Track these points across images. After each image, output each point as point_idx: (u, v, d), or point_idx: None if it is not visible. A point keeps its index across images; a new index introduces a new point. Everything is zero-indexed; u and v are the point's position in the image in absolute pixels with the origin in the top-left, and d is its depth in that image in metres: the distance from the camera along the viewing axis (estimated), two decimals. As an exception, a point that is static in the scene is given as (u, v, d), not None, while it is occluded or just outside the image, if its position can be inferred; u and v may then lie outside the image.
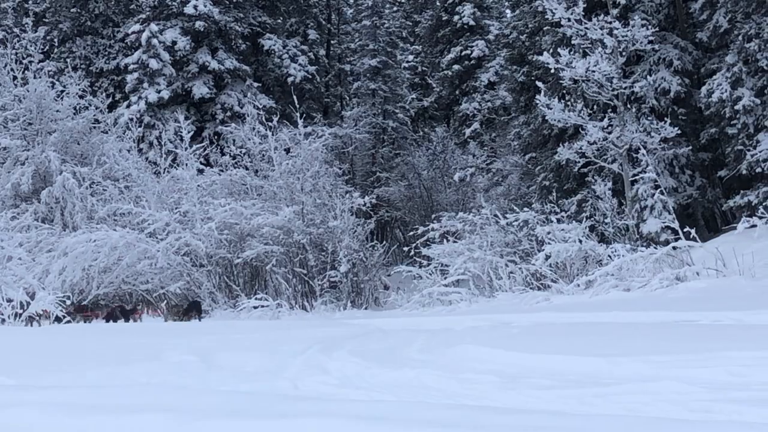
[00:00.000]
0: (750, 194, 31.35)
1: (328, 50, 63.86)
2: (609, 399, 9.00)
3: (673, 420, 7.32)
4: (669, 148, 33.96)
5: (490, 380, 10.38)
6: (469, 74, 59.22)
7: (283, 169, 35.35)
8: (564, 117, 32.82)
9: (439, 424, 6.13)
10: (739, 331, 14.48)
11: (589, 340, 13.68)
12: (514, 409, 8.02)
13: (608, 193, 31.89)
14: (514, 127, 46.01)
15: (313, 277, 32.84)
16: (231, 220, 33.26)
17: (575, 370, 10.83)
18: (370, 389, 10.26)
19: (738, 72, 31.52)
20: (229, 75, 50.00)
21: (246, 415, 6.94)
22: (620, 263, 26.01)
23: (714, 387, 9.24)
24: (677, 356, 11.07)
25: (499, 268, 29.93)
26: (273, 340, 15.60)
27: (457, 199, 51.47)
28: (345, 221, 33.60)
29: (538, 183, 39.77)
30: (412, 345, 14.34)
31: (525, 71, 43.60)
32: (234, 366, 12.48)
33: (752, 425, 6.83)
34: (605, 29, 32.23)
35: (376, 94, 59.95)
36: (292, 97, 40.25)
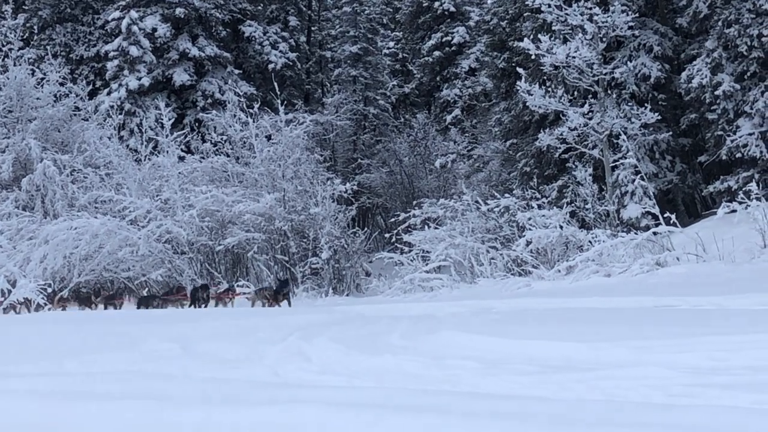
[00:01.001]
0: (730, 179, 31.43)
1: (309, 37, 63.68)
2: (590, 384, 9.00)
3: (654, 405, 7.33)
4: (649, 133, 34.00)
5: (470, 366, 10.37)
6: (449, 61, 59.10)
7: (264, 156, 35.30)
8: (545, 103, 32.84)
9: (419, 410, 6.13)
10: (719, 316, 14.52)
11: (570, 326, 13.69)
12: (494, 394, 8.02)
13: (589, 179, 31.96)
14: (495, 114, 45.93)
15: (294, 264, 32.84)
16: (212, 207, 33.21)
17: (556, 355, 10.82)
18: (350, 376, 10.24)
19: (718, 57, 31.57)
20: (210, 62, 49.83)
21: (225, 403, 6.93)
22: (601, 249, 26.08)
23: (695, 372, 9.25)
24: (658, 341, 11.08)
25: (480, 254, 29.98)
26: (253, 327, 15.56)
27: (438, 186, 51.40)
28: (326, 208, 33.59)
29: (519, 169, 39.77)
30: (393, 331, 14.31)
31: (506, 57, 43.55)
32: (213, 353, 12.45)
33: (734, 410, 6.84)
34: (585, 15, 32.23)
35: (356, 80, 59.83)
36: (272, 84, 40.14)
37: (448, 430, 5.72)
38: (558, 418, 5.90)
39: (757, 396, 7.79)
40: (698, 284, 20.12)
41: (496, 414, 5.98)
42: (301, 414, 6.30)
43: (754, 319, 13.07)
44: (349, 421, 6.10)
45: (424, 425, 5.81)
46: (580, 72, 32.70)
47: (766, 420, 5.97)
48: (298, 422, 6.20)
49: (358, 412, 6.21)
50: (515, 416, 5.89)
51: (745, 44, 30.69)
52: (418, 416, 5.95)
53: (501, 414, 5.98)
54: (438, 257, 30.31)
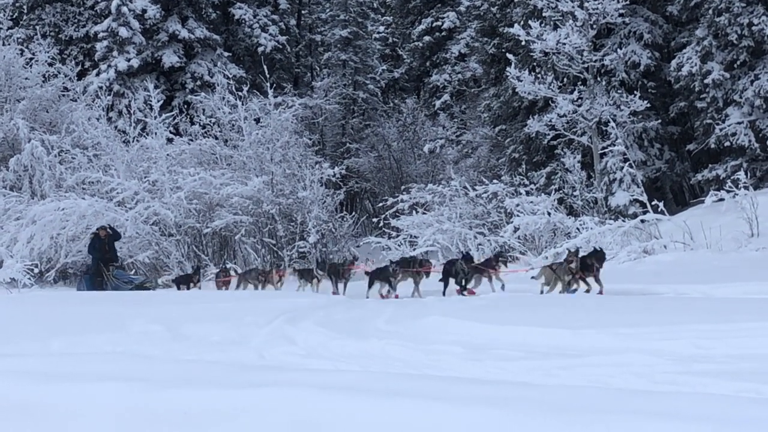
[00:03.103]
0: (718, 168, 31.52)
1: (299, 20, 63.48)
2: (574, 371, 9.02)
3: (638, 392, 7.34)
4: (638, 121, 34.05)
5: (456, 351, 10.39)
6: (439, 46, 59.03)
7: (253, 139, 35.23)
8: (534, 89, 32.88)
9: (403, 395, 6.12)
10: (705, 304, 14.56)
11: (555, 312, 13.72)
12: (479, 380, 8.02)
13: (577, 166, 31.98)
14: (484, 99, 45.93)
15: (281, 248, 32.81)
16: (200, 189, 33.11)
17: (541, 341, 10.85)
18: (335, 360, 10.26)
19: (708, 46, 31.61)
20: (199, 44, 49.63)
21: (210, 385, 6.92)
22: (588, 236, 26.09)
23: (679, 359, 9.28)
24: (643, 328, 11.12)
25: (467, 239, 29.96)
26: (239, 310, 15.55)
27: (427, 171, 51.37)
28: (314, 192, 33.55)
29: (507, 155, 39.82)
30: (379, 316, 14.33)
31: (496, 43, 43.57)
32: (199, 336, 12.45)
33: (717, 397, 6.85)
34: (576, 1, 32.26)
35: (346, 64, 59.76)
36: (262, 67, 40.05)
37: (431, 414, 5.72)
38: (541, 404, 5.90)
39: (741, 384, 7.82)
40: (685, 272, 20.17)
41: (480, 399, 5.98)
42: (285, 397, 6.30)
43: (739, 308, 13.11)
44: (332, 404, 6.10)
45: (406, 409, 5.81)
46: (570, 59, 32.73)
47: (749, 408, 5.98)
48: (281, 405, 6.20)
49: (341, 395, 6.21)
50: (498, 401, 5.89)
51: (736, 33, 30.73)
52: (401, 401, 5.95)
53: (484, 399, 5.98)
54: (425, 242, 30.29)
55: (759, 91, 30.35)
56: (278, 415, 6.13)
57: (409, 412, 5.79)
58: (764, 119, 30.78)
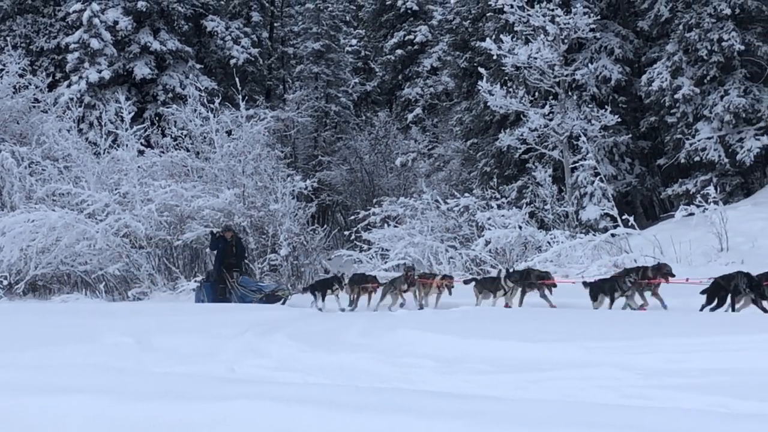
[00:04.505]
0: (688, 183, 31.67)
1: (271, 33, 63.40)
2: (545, 384, 9.05)
3: (607, 406, 7.38)
4: (609, 135, 34.15)
5: (426, 364, 10.41)
6: (412, 59, 59.06)
7: (225, 151, 35.14)
8: (506, 103, 32.94)
9: (372, 408, 6.14)
10: (676, 317, 14.64)
11: (526, 326, 13.75)
12: (449, 393, 8.04)
13: (548, 180, 32.03)
14: (456, 113, 45.95)
15: (253, 260, 32.72)
16: (171, 201, 32.98)
17: (512, 355, 10.88)
18: (306, 372, 10.25)
19: (678, 61, 31.78)
20: (171, 56, 49.50)
21: (180, 397, 6.91)
22: (559, 250, 26.19)
23: (650, 373, 9.33)
24: (614, 342, 11.17)
25: (439, 253, 29.97)
26: (211, 322, 15.56)
27: (399, 184, 51.34)
28: (286, 204, 33.47)
29: (479, 169, 39.84)
30: (351, 329, 14.34)
31: (468, 57, 43.63)
32: (170, 348, 12.43)
33: (686, 412, 6.89)
34: (547, 16, 32.34)
35: (318, 77, 59.71)
36: (234, 80, 40.01)
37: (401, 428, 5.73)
38: (511, 417, 5.92)
39: (711, 398, 7.86)
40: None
41: (449, 412, 6.00)
42: (255, 410, 6.30)
43: (709, 322, 13.19)
44: (301, 417, 6.11)
45: (376, 423, 5.83)
46: (542, 73, 32.83)
47: (718, 422, 6.02)
48: (250, 418, 6.21)
49: (311, 409, 6.22)
50: (468, 415, 5.91)
51: (706, 48, 30.91)
52: (371, 414, 5.96)
53: (454, 413, 6.00)
54: (397, 255, 30.27)
55: (728, 107, 30.52)
56: (248, 429, 6.13)
57: (378, 426, 5.79)
58: (734, 134, 30.96)
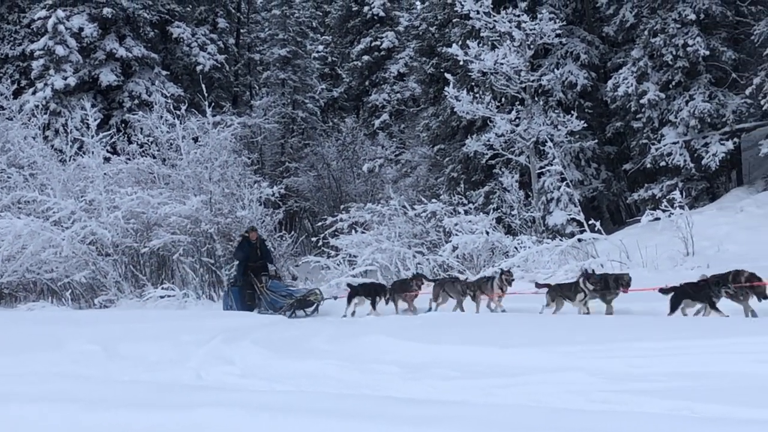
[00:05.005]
0: (654, 187, 31.80)
1: (238, 39, 63.26)
2: (512, 389, 9.06)
3: (573, 410, 7.39)
4: (575, 141, 34.27)
5: (394, 371, 10.40)
6: (378, 65, 59.16)
7: (191, 158, 35.01)
8: (472, 109, 32.97)
9: (339, 415, 6.13)
10: (641, 322, 14.68)
11: (493, 331, 13.76)
12: (415, 399, 8.04)
13: (515, 185, 32.11)
14: (423, 119, 46.02)
15: (220, 267, 32.60)
16: (138, 209, 32.87)
17: (479, 360, 10.88)
18: (273, 380, 10.23)
19: (643, 66, 31.93)
20: (137, 62, 49.35)
21: (147, 405, 6.88)
22: (526, 255, 26.24)
23: (615, 378, 9.34)
24: (580, 347, 11.18)
25: (406, 259, 29.97)
26: (177, 329, 15.49)
27: (366, 190, 51.35)
28: (253, 211, 33.42)
29: (446, 174, 39.90)
30: (318, 335, 14.32)
31: (434, 63, 43.73)
32: (137, 356, 12.38)
33: (651, 416, 6.91)
34: (514, 22, 32.41)
35: (285, 83, 59.63)
36: (200, 86, 39.91)
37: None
38: (476, 423, 5.92)
39: (676, 402, 7.89)
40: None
41: (416, 419, 5.99)
42: (221, 417, 6.28)
43: (674, 327, 13.23)
44: (268, 424, 6.09)
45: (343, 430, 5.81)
46: (508, 78, 32.88)
47: (683, 426, 6.04)
48: (217, 425, 6.18)
49: (278, 415, 6.20)
50: (435, 421, 5.91)
51: (671, 53, 31.06)
52: (337, 421, 5.95)
53: (421, 419, 5.99)
54: (364, 261, 30.26)
55: (694, 112, 30.68)
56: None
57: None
58: (699, 139, 31.12)
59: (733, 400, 7.66)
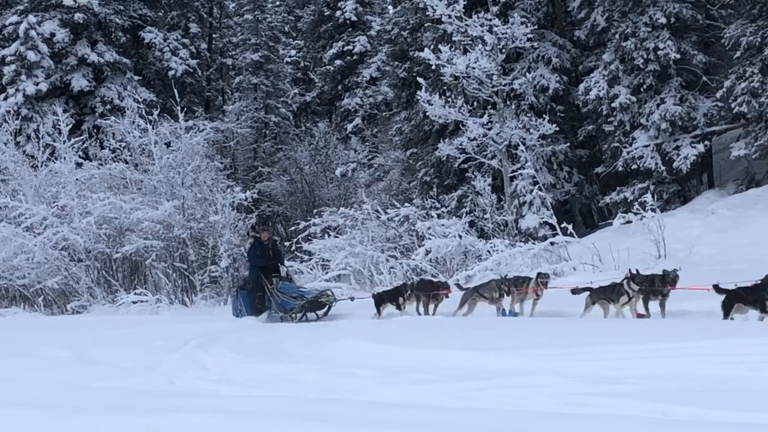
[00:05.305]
0: (626, 191, 31.91)
1: (210, 44, 63.14)
2: (487, 393, 9.07)
3: (548, 414, 7.42)
4: (547, 144, 34.35)
5: (369, 375, 10.40)
6: (351, 69, 59.14)
7: (164, 163, 34.93)
8: (444, 113, 33.00)
9: (314, 419, 6.13)
10: (615, 324, 14.73)
11: (468, 335, 13.79)
12: (390, 403, 8.04)
13: (488, 189, 32.14)
14: (396, 123, 46.06)
15: (193, 272, 32.56)
16: (110, 214, 32.78)
17: (455, 364, 10.89)
18: (247, 384, 10.21)
19: (615, 70, 32.05)
20: (109, 68, 49.17)
21: (119, 411, 6.87)
22: (499, 258, 26.27)
23: (590, 380, 9.37)
24: (554, 350, 11.21)
25: (379, 263, 30.00)
26: (150, 335, 15.46)
27: (339, 195, 51.33)
28: (226, 216, 33.35)
29: (418, 178, 39.93)
30: (291, 340, 14.31)
31: (406, 67, 43.75)
32: (109, 361, 12.35)
33: (625, 418, 6.95)
34: (485, 26, 32.46)
35: (258, 88, 59.57)
36: (173, 91, 39.81)
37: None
38: (453, 426, 5.94)
39: (650, 405, 7.92)
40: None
41: (392, 423, 6.00)
42: (194, 423, 6.27)
43: (647, 329, 13.28)
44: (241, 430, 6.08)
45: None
46: (480, 83, 32.92)
47: (657, 429, 6.07)
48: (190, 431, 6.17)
49: (252, 421, 6.20)
50: (410, 425, 5.92)
51: (642, 57, 31.19)
52: (313, 426, 5.96)
53: (396, 423, 6.00)
54: (338, 266, 30.29)
55: (665, 115, 30.82)
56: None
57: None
58: (670, 142, 31.26)
59: (706, 402, 7.70)
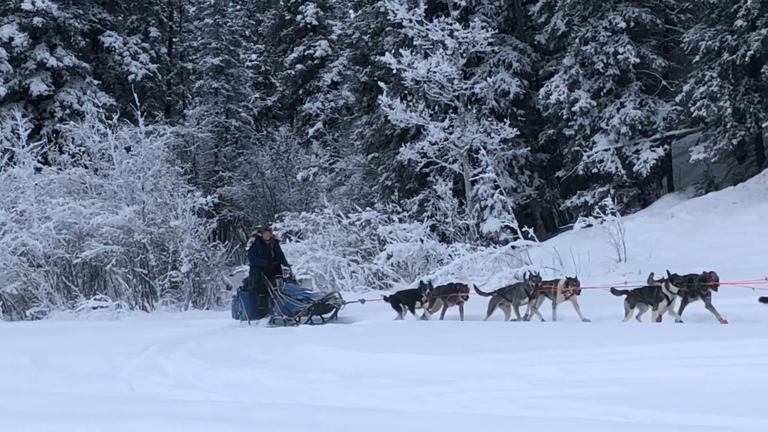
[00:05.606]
0: (586, 194, 32.05)
1: (170, 48, 62.89)
2: (447, 397, 9.06)
3: (508, 417, 7.42)
4: (508, 148, 34.47)
5: (330, 380, 10.37)
6: (312, 74, 59.19)
7: (124, 168, 34.71)
8: (406, 117, 33.05)
9: (275, 425, 6.10)
10: (576, 328, 14.75)
11: (429, 339, 13.78)
12: (352, 408, 8.02)
13: (449, 193, 32.18)
14: (357, 127, 46.16)
15: (153, 277, 32.37)
16: (70, 219, 32.54)
17: (415, 368, 10.88)
18: (207, 390, 10.16)
19: (575, 74, 32.18)
20: (69, 72, 48.88)
21: (78, 417, 6.81)
22: (460, 262, 26.29)
23: (550, 384, 9.38)
24: (514, 354, 11.22)
25: (341, 267, 29.99)
26: (110, 341, 15.37)
27: (300, 199, 51.30)
28: (187, 221, 33.18)
29: (380, 183, 39.95)
30: (252, 345, 14.25)
31: (368, 71, 43.79)
32: (68, 367, 12.25)
33: (585, 422, 6.95)
34: (446, 31, 32.55)
35: (218, 92, 59.49)
36: (133, 95, 39.57)
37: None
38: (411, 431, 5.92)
39: (608, 407, 7.93)
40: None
41: (352, 428, 5.98)
42: (155, 429, 6.23)
43: (608, 333, 13.31)
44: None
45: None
46: (441, 87, 32.99)
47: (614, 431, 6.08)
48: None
49: (212, 427, 6.17)
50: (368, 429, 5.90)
51: (602, 61, 31.33)
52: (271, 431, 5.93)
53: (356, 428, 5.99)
54: (299, 270, 30.23)
55: (625, 119, 30.99)
56: (148, 448, 6.06)
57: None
58: (630, 146, 31.42)
59: (665, 405, 7.72)
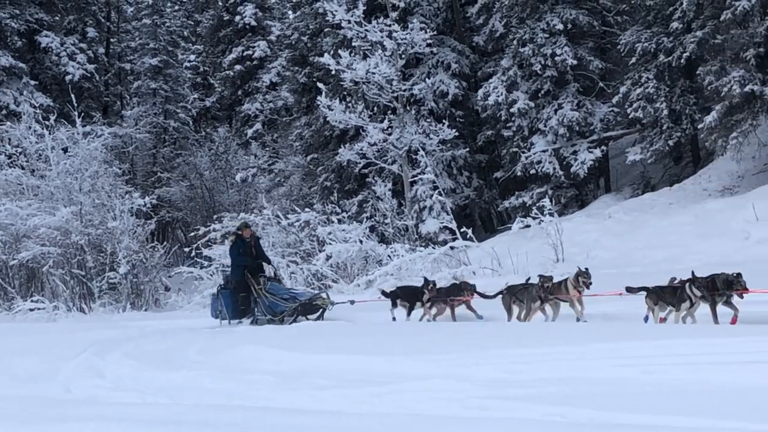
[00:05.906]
0: (524, 195, 32.24)
1: (108, 48, 62.45)
2: (386, 398, 9.04)
3: (447, 417, 7.43)
4: (447, 149, 34.58)
5: (268, 380, 10.32)
6: (251, 75, 58.97)
7: (61, 168, 34.46)
8: (345, 118, 33.05)
9: (213, 426, 6.08)
10: (515, 329, 14.80)
11: (368, 340, 13.77)
12: (290, 409, 8.00)
13: (388, 194, 32.23)
14: (296, 128, 46.09)
15: (91, 279, 32.17)
16: (6, 220, 32.28)
17: (354, 369, 10.86)
18: (145, 392, 10.08)
19: (513, 75, 32.37)
20: (5, 72, 48.40)
21: (13, 420, 6.74)
22: (400, 263, 26.34)
23: (490, 384, 9.38)
24: (454, 354, 11.23)
25: (280, 268, 29.92)
26: (47, 343, 15.20)
27: (240, 200, 51.12)
28: (125, 222, 33.02)
29: (319, 184, 39.93)
30: (191, 346, 14.18)
31: (307, 72, 43.76)
32: (3, 370, 12.11)
33: (526, 421, 6.98)
34: (385, 32, 32.59)
35: (157, 93, 59.15)
36: (70, 96, 39.22)
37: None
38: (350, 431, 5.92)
39: (549, 408, 7.96)
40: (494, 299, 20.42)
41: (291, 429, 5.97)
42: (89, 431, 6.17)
43: (548, 333, 13.38)
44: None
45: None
46: (380, 88, 33.03)
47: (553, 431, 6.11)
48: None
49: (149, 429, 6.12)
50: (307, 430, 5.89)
51: (540, 63, 31.56)
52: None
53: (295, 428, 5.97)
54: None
55: (562, 120, 31.22)
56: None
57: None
58: (568, 147, 31.66)
59: (602, 404, 7.76)
